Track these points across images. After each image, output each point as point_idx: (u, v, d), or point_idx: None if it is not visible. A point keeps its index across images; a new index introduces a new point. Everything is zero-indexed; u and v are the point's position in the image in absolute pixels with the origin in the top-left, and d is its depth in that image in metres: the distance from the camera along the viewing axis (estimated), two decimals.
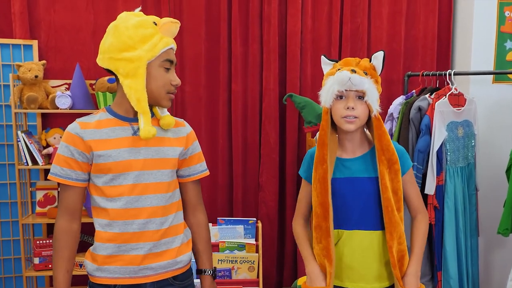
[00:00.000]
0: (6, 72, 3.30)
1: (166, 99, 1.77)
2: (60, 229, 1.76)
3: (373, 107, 1.83)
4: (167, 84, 1.75)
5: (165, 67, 1.74)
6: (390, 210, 1.83)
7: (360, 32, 3.66)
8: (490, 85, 3.53)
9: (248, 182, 3.67)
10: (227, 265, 3.18)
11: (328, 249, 1.85)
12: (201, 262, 1.95)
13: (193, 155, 1.90)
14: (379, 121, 1.86)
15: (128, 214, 1.73)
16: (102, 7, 3.40)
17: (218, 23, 3.54)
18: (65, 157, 1.72)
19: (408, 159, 1.96)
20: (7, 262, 3.41)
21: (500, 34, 3.50)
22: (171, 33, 1.75)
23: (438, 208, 3.05)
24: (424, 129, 3.02)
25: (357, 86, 1.80)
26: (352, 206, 1.89)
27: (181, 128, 1.88)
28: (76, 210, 1.78)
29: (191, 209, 1.94)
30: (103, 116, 1.77)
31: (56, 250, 1.76)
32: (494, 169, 3.42)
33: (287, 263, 3.71)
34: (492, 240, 3.51)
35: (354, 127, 1.84)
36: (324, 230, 1.86)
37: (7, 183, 3.36)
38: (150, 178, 1.76)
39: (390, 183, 1.85)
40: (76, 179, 1.73)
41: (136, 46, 1.68)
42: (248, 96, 3.60)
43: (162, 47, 1.71)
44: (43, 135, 3.25)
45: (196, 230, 1.94)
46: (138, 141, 1.75)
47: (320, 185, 1.87)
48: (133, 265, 1.76)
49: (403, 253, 1.88)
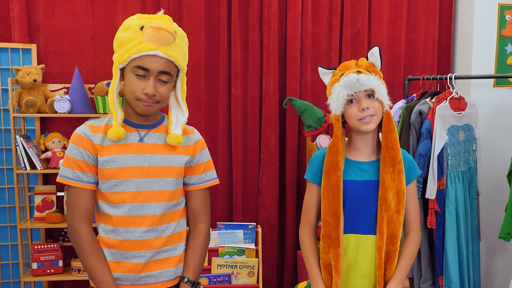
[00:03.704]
0: (5, 76, 3.29)
1: (138, 106, 1.68)
2: (88, 234, 1.70)
3: (384, 102, 1.83)
4: (135, 91, 1.65)
5: (136, 74, 1.64)
6: (384, 209, 1.80)
7: (361, 36, 3.66)
8: (491, 89, 3.52)
9: (248, 187, 3.65)
10: (226, 270, 3.16)
11: (337, 260, 1.81)
12: (186, 270, 1.83)
13: (199, 164, 1.85)
14: (389, 117, 1.84)
15: (131, 222, 1.71)
16: (101, 11, 3.39)
17: (218, 28, 3.53)
18: (76, 160, 1.69)
19: (416, 170, 1.91)
20: (5, 267, 3.39)
21: (501, 37, 3.49)
22: (156, 39, 1.62)
23: (439, 213, 3.04)
24: (425, 133, 3.01)
25: (365, 85, 1.78)
26: (369, 209, 1.85)
27: (190, 135, 1.84)
28: (92, 214, 1.75)
29: (192, 217, 1.88)
30: (111, 120, 1.73)
31: (90, 253, 1.69)
32: (495, 173, 3.41)
33: (287, 268, 3.69)
34: (493, 245, 3.50)
35: (374, 125, 1.82)
36: (334, 239, 1.83)
37: (5, 187, 3.34)
38: (153, 186, 1.73)
39: (391, 182, 1.81)
40: (88, 181, 1.70)
41: (116, 49, 1.68)
42: (248, 101, 3.59)
43: (134, 53, 1.62)
44: (41, 139, 3.24)
45: (192, 238, 1.86)
46: (144, 148, 1.73)
47: (333, 192, 1.83)
48: (135, 272, 1.74)
49: (392, 256, 1.83)
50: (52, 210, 3.28)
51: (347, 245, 1.86)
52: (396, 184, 1.82)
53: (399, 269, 1.83)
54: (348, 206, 1.85)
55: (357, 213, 1.85)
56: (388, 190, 1.80)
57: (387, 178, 1.80)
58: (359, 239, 1.85)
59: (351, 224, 1.86)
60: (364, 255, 1.85)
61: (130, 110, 1.74)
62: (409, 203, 1.89)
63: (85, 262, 1.71)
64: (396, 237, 1.83)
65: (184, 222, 1.87)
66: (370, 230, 1.85)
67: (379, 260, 1.81)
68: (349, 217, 1.85)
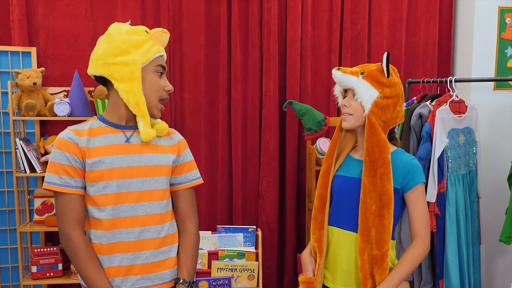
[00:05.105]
0: (5, 79, 3.29)
1: (157, 107, 1.77)
2: (81, 240, 1.68)
3: (364, 104, 1.83)
4: (160, 90, 1.76)
5: (158, 72, 1.75)
6: (363, 213, 1.82)
7: (361, 39, 3.66)
8: (491, 92, 3.52)
9: (248, 190, 3.65)
10: (226, 274, 3.15)
11: (320, 241, 1.91)
12: (180, 271, 1.83)
13: (184, 163, 1.88)
14: (370, 121, 1.83)
15: (123, 223, 1.70)
16: (101, 14, 3.39)
17: (217, 30, 3.53)
18: (62, 165, 1.67)
19: (416, 177, 1.86)
20: (4, 270, 3.38)
21: (501, 40, 3.49)
22: (162, 42, 1.79)
23: (440, 216, 3.03)
24: (425, 136, 3.00)
25: (342, 82, 1.88)
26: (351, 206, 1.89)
27: (172, 135, 1.88)
28: (84, 219, 1.73)
29: (181, 218, 1.88)
30: (95, 124, 1.75)
31: (85, 260, 1.68)
32: (495, 176, 3.40)
33: (287, 272, 3.69)
34: (494, 248, 3.49)
35: (348, 124, 1.89)
36: (319, 222, 1.93)
37: (5, 190, 3.34)
38: (144, 186, 1.74)
39: (371, 186, 1.81)
40: (76, 186, 1.69)
41: (130, 51, 1.70)
42: (248, 103, 3.59)
43: (155, 52, 1.74)
44: (41, 142, 3.24)
45: (182, 239, 1.86)
46: (131, 148, 1.74)
47: (322, 178, 1.95)
48: (130, 275, 1.72)
49: (379, 260, 1.81)
50: (52, 213, 3.27)
51: (332, 237, 1.94)
52: (379, 188, 1.80)
53: (390, 275, 1.82)
54: (334, 200, 1.95)
55: (340, 208, 1.92)
56: (368, 193, 1.81)
57: (367, 182, 1.81)
58: (341, 233, 1.91)
59: (335, 218, 1.94)
60: (345, 250, 1.89)
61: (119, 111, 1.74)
62: (411, 210, 1.87)
63: (80, 269, 1.69)
64: (381, 241, 1.80)
65: (175, 224, 1.87)
66: (351, 227, 1.88)
67: (361, 262, 1.82)
68: (334, 210, 1.94)
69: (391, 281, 1.80)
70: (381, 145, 1.82)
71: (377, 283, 1.82)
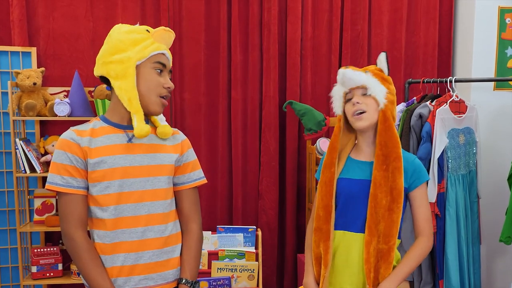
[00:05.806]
0: (5, 79, 3.29)
1: (157, 103, 1.74)
2: (84, 240, 1.69)
3: (378, 98, 1.84)
4: (158, 86, 1.73)
5: (156, 69, 1.73)
6: (372, 207, 1.81)
7: (361, 39, 3.66)
8: (491, 92, 3.52)
9: (248, 190, 3.65)
10: (226, 274, 3.15)
11: (326, 253, 1.86)
12: (183, 271, 1.82)
13: (187, 163, 1.86)
14: (385, 116, 1.85)
15: (125, 223, 1.70)
16: (101, 14, 3.39)
17: (218, 31, 3.53)
18: (65, 165, 1.67)
19: (423, 175, 1.89)
20: (4, 270, 3.38)
21: (501, 41, 3.50)
22: (165, 40, 1.75)
23: (440, 216, 3.03)
24: (425, 136, 3.00)
25: (353, 79, 1.85)
26: (360, 208, 1.86)
27: (175, 135, 1.87)
28: (86, 219, 1.73)
29: (185, 218, 1.87)
30: (97, 124, 1.75)
31: (87, 260, 1.68)
32: (495, 176, 3.40)
33: (287, 272, 3.68)
34: (494, 248, 3.49)
35: (364, 122, 1.86)
36: (324, 233, 1.88)
37: (5, 191, 3.34)
38: (146, 185, 1.73)
39: (383, 180, 1.81)
40: (78, 187, 1.69)
41: (126, 49, 1.70)
42: (248, 104, 3.59)
43: (152, 50, 1.71)
44: (41, 142, 3.24)
45: (185, 239, 1.85)
46: (133, 148, 1.73)
47: (326, 187, 1.90)
48: (133, 275, 1.72)
49: (385, 254, 1.81)
50: (52, 213, 3.27)
51: (339, 241, 1.89)
52: (390, 183, 1.81)
53: (395, 270, 1.83)
54: (341, 203, 1.91)
55: (349, 211, 1.89)
56: (379, 187, 1.81)
57: (379, 176, 1.81)
58: (350, 236, 1.88)
59: (343, 221, 1.90)
60: (355, 253, 1.87)
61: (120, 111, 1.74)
62: (416, 208, 1.89)
63: (83, 269, 1.69)
64: (389, 235, 1.81)
65: (179, 224, 1.86)
66: (361, 229, 1.86)
67: (366, 254, 1.81)
68: (341, 214, 1.90)
69: (396, 276, 1.81)
70: (394, 140, 1.84)
71: (381, 276, 1.81)
